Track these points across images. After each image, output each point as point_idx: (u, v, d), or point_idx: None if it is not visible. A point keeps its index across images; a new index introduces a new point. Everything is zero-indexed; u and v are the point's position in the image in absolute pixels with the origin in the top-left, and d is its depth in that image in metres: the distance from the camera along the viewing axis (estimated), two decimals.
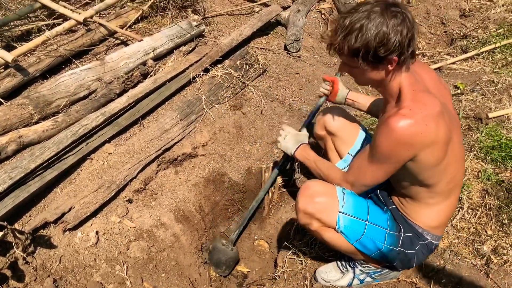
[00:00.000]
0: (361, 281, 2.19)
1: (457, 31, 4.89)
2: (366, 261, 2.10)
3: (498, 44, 4.14)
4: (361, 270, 2.17)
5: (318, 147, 2.64)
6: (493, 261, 2.20)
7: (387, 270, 2.14)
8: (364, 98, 2.42)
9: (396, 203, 1.97)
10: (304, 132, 2.38)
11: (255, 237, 2.91)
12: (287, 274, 2.44)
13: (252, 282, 2.72)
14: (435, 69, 4.16)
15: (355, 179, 1.89)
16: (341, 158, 2.33)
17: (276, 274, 2.52)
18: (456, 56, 4.36)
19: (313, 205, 1.88)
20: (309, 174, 2.93)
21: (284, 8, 4.17)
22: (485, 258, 2.23)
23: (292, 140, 2.28)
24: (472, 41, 4.50)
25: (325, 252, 2.44)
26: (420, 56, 4.59)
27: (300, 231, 2.62)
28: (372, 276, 2.17)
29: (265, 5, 4.28)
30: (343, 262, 2.25)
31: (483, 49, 4.19)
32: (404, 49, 1.55)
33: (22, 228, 2.28)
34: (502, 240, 2.30)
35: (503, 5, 5.02)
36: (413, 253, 1.91)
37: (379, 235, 1.88)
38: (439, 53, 4.60)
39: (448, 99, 1.85)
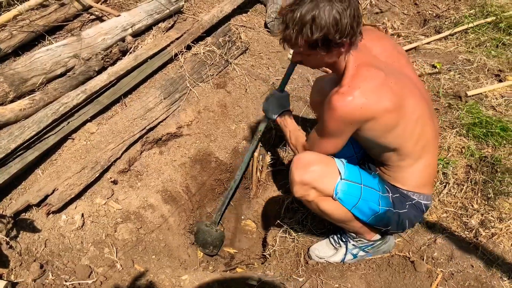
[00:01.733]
0: (354, 256, 2.20)
1: (429, 12, 4.95)
2: (360, 232, 2.10)
3: (470, 25, 4.22)
4: (353, 245, 2.18)
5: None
6: (481, 234, 2.26)
7: (379, 241, 2.16)
8: None
9: (379, 171, 2.02)
10: (286, 93, 2.29)
11: (242, 217, 2.88)
12: (279, 252, 2.43)
13: (239, 262, 2.71)
14: (411, 49, 4.21)
15: (308, 150, 1.98)
16: None
17: (267, 253, 2.50)
18: (431, 36, 4.43)
19: (310, 174, 1.86)
20: None
21: None
22: (474, 231, 2.29)
23: (275, 103, 2.24)
24: (445, 21, 4.57)
25: (317, 229, 2.44)
26: (395, 36, 4.62)
27: (290, 209, 2.61)
28: (365, 249, 2.19)
29: None
30: (336, 238, 2.26)
31: (456, 29, 4.26)
32: (355, 30, 1.60)
33: (3, 212, 2.16)
34: (489, 213, 2.36)
35: None
36: (405, 213, 1.93)
37: (374, 197, 1.90)
38: (414, 33, 4.65)
39: (403, 64, 1.89)
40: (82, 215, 2.31)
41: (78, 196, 2.36)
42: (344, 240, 2.22)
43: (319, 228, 2.44)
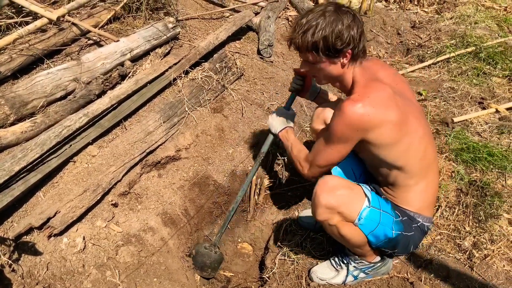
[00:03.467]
0: (355, 277, 2.25)
1: (412, 41, 5.16)
2: (363, 255, 2.16)
3: (452, 54, 4.43)
4: (354, 267, 2.23)
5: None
6: (475, 255, 2.34)
7: (379, 263, 2.21)
8: (333, 98, 2.56)
9: (385, 193, 2.06)
10: (292, 111, 2.43)
11: (239, 240, 2.90)
12: (279, 275, 2.46)
13: (236, 285, 2.72)
14: None
15: (312, 159, 2.02)
16: None
17: (266, 275, 2.52)
18: (414, 65, 4.61)
19: (336, 198, 1.91)
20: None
21: (255, 14, 4.22)
22: (468, 252, 2.37)
23: (279, 119, 2.36)
24: (427, 51, 4.78)
25: (316, 251, 2.49)
26: None
27: (289, 231, 2.65)
28: (365, 271, 2.24)
29: (234, 10, 4.31)
30: (337, 260, 2.31)
31: (439, 58, 4.46)
32: (356, 43, 1.78)
33: (4, 234, 2.15)
34: (481, 235, 2.45)
35: (450, 18, 5.40)
36: (411, 235, 1.98)
37: (389, 222, 1.95)
38: (398, 61, 4.84)
39: (406, 89, 2.01)
40: (84, 238, 2.31)
41: (80, 219, 2.36)
42: (345, 262, 2.27)
43: (318, 250, 2.49)
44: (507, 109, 3.54)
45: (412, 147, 1.86)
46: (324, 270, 2.30)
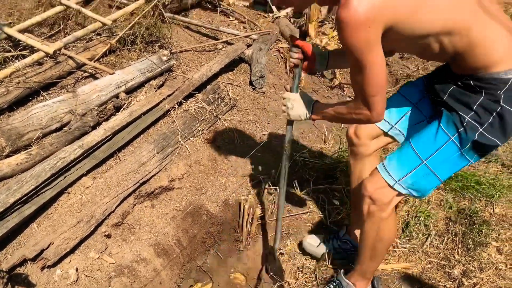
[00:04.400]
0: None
1: (400, 72, 5.29)
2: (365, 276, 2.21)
3: None
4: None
5: None
6: (464, 284, 2.38)
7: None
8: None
9: (456, 71, 1.77)
10: (302, 91, 2.11)
11: (232, 270, 2.91)
12: None
13: None
14: None
15: (363, 99, 1.72)
16: None
17: None
18: None
19: (373, 193, 1.91)
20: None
21: (247, 46, 4.33)
22: (457, 281, 2.41)
23: (301, 105, 2.05)
24: None
25: (308, 282, 2.51)
26: None
27: (282, 261, 2.67)
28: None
29: (227, 43, 4.43)
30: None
31: None
32: None
33: None
34: (470, 264, 2.50)
35: None
36: (501, 110, 1.66)
37: (446, 151, 1.76)
38: (388, 91, 4.95)
39: None
40: (77, 269, 2.31)
41: (73, 250, 2.37)
42: None
43: (310, 280, 2.51)
44: None
45: (437, 3, 1.59)
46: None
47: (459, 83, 1.75)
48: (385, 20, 1.55)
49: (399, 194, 1.90)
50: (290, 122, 2.21)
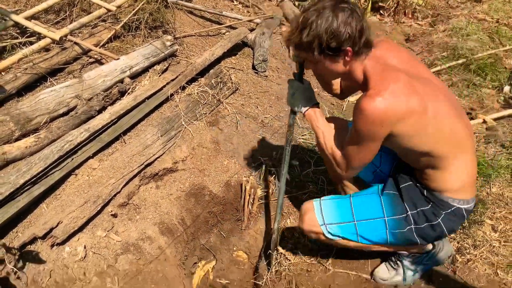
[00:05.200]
0: (414, 271, 2.33)
1: None
2: (408, 249, 2.28)
3: (443, 66, 4.56)
4: (409, 261, 2.32)
5: None
6: (458, 260, 2.45)
7: (433, 251, 2.27)
8: None
9: (418, 178, 2.03)
10: (308, 82, 2.12)
11: (234, 249, 3.01)
12: (271, 281, 2.56)
13: None
14: None
15: (347, 163, 1.97)
16: None
17: (260, 282, 2.63)
18: None
19: (305, 224, 2.20)
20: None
21: (250, 31, 4.37)
22: (451, 257, 2.47)
23: (301, 96, 2.08)
24: None
25: (307, 258, 2.60)
26: None
27: (282, 239, 2.76)
28: (423, 262, 2.31)
29: (231, 27, 4.47)
30: (393, 259, 2.40)
31: (431, 70, 4.58)
32: (356, 40, 1.70)
33: (9, 244, 2.27)
34: (464, 241, 2.56)
35: (443, 31, 5.54)
36: (437, 224, 1.96)
37: (376, 226, 2.03)
38: None
39: (423, 69, 1.96)
40: (85, 247, 2.43)
41: (81, 228, 2.48)
42: (399, 259, 2.36)
43: (309, 256, 2.60)
44: (495, 119, 3.66)
45: (435, 130, 1.81)
46: (384, 271, 2.39)
47: (417, 184, 2.04)
48: (396, 128, 1.76)
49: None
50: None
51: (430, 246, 2.28)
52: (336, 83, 2.37)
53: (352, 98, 4.03)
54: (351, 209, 2.10)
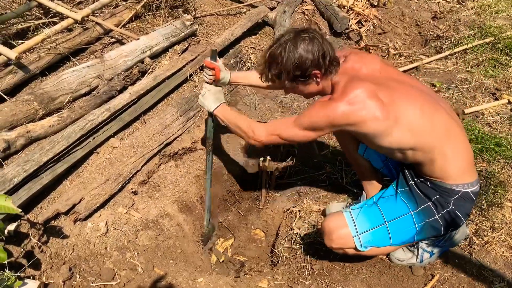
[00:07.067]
0: (431, 253, 2.33)
1: (430, 32, 5.17)
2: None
3: (470, 45, 4.43)
4: (426, 243, 2.32)
5: None
6: (475, 242, 2.43)
7: (448, 233, 2.25)
8: (246, 75, 2.62)
9: (414, 174, 2.10)
10: (220, 88, 2.43)
11: (252, 227, 3.06)
12: (287, 259, 2.61)
13: (249, 269, 2.88)
14: (411, 68, 4.42)
15: (273, 130, 2.11)
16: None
17: (276, 259, 2.68)
18: (431, 56, 4.64)
19: (336, 242, 2.13)
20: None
21: (271, 9, 4.34)
22: (468, 239, 2.46)
23: (211, 97, 2.36)
24: (445, 42, 4.79)
25: (321, 238, 2.62)
26: (397, 56, 4.84)
27: (299, 218, 2.79)
28: (439, 244, 2.31)
29: (252, 6, 4.44)
30: None
31: (456, 49, 4.46)
32: (320, 63, 1.88)
33: (34, 219, 2.37)
34: (482, 223, 2.53)
35: (472, 8, 5.36)
36: (452, 209, 1.99)
37: (405, 223, 2.05)
38: (415, 53, 4.87)
39: (395, 73, 2.11)
40: (106, 222, 2.51)
41: (102, 205, 2.56)
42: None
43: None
44: None
45: (412, 126, 1.90)
46: (400, 252, 2.39)
47: (420, 179, 2.07)
48: (352, 127, 1.91)
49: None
50: (209, 114, 2.42)
51: None
52: None
53: None
54: (380, 212, 2.10)
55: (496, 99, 3.64)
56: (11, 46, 3.02)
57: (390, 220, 2.06)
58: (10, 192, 2.29)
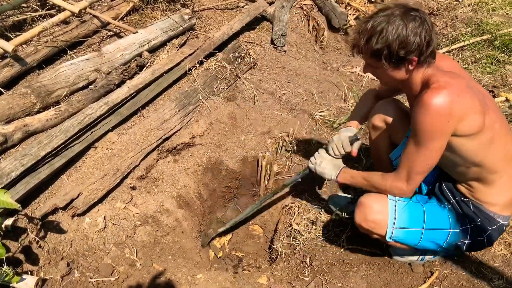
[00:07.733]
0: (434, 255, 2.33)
1: None
2: None
3: (467, 42, 4.43)
4: None
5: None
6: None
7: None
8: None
9: (464, 192, 1.99)
10: (339, 159, 2.29)
11: (250, 223, 3.06)
12: (286, 255, 2.60)
13: (247, 264, 2.87)
14: None
15: (408, 172, 1.87)
16: (397, 145, 2.31)
17: (274, 256, 2.67)
18: None
19: (367, 223, 2.02)
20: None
21: (269, 4, 4.31)
22: None
23: (329, 165, 2.24)
24: (443, 38, 4.79)
25: (321, 234, 2.62)
26: None
27: (297, 214, 2.79)
28: None
29: (250, 0, 4.41)
30: None
31: (453, 46, 4.47)
32: (423, 50, 1.68)
33: (32, 214, 2.34)
34: None
35: (469, 5, 5.36)
36: (485, 239, 1.97)
37: (440, 236, 2.00)
38: None
39: (475, 82, 1.92)
40: (104, 218, 2.49)
41: (100, 200, 2.55)
42: None
43: (323, 233, 2.62)
44: None
45: (493, 140, 1.77)
46: (402, 250, 2.37)
47: (462, 199, 1.99)
48: (458, 127, 1.70)
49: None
50: (310, 170, 2.34)
51: None
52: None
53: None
54: (423, 216, 2.02)
55: (493, 96, 3.65)
56: (8, 39, 2.99)
57: (429, 228, 2.00)
58: (8, 187, 2.27)
